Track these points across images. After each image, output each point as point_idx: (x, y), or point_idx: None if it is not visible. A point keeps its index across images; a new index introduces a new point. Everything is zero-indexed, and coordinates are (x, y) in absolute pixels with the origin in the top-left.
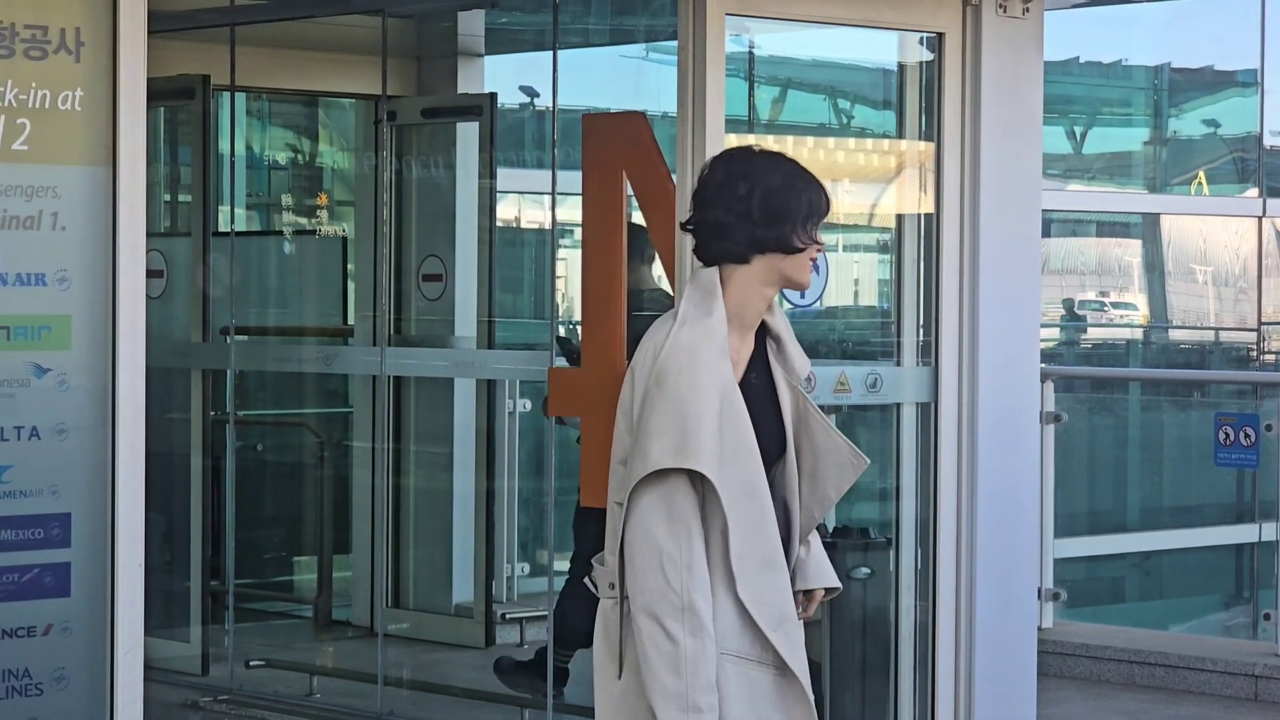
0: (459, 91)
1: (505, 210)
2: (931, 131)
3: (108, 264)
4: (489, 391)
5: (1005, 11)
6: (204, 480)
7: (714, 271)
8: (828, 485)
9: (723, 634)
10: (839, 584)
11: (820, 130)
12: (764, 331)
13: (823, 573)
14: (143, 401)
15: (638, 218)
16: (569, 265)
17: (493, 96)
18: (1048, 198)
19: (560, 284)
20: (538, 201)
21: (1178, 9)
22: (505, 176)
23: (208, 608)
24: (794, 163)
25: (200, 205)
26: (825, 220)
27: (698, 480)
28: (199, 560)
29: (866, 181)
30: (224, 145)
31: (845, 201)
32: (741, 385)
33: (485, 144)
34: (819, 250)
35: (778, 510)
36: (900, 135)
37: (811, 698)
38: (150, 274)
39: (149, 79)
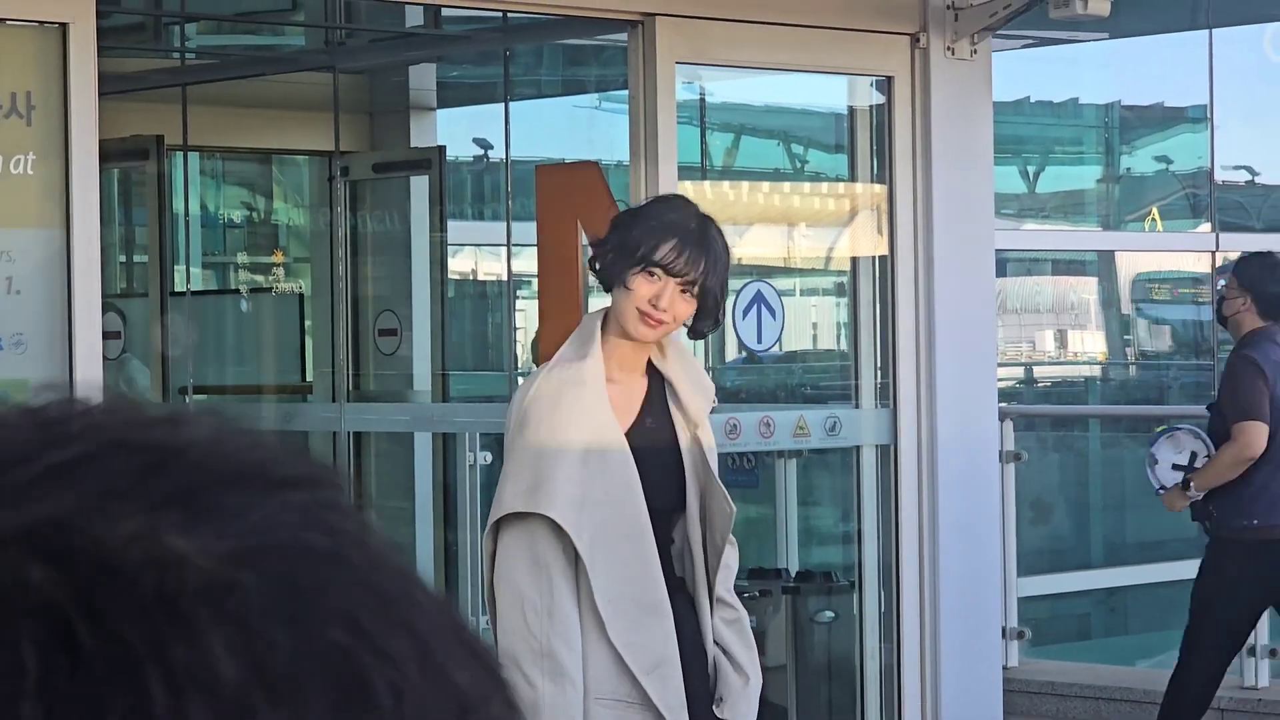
0: (411, 146)
1: (462, 263)
2: (883, 174)
3: (64, 326)
4: (449, 445)
5: (953, 54)
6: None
7: (597, 315)
8: (715, 532)
9: (598, 678)
10: None
11: (775, 175)
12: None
13: (743, 713)
14: None
15: None
16: (528, 317)
17: (441, 149)
18: (1003, 237)
19: (520, 335)
20: (494, 254)
21: (1126, 47)
22: (461, 229)
23: None
24: (667, 205)
25: (157, 266)
26: (784, 264)
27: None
28: None
29: (822, 225)
30: (178, 205)
31: (802, 246)
32: (635, 429)
33: (435, 197)
34: (652, 305)
35: (685, 556)
36: (853, 178)
37: None
38: (107, 335)
39: (101, 140)
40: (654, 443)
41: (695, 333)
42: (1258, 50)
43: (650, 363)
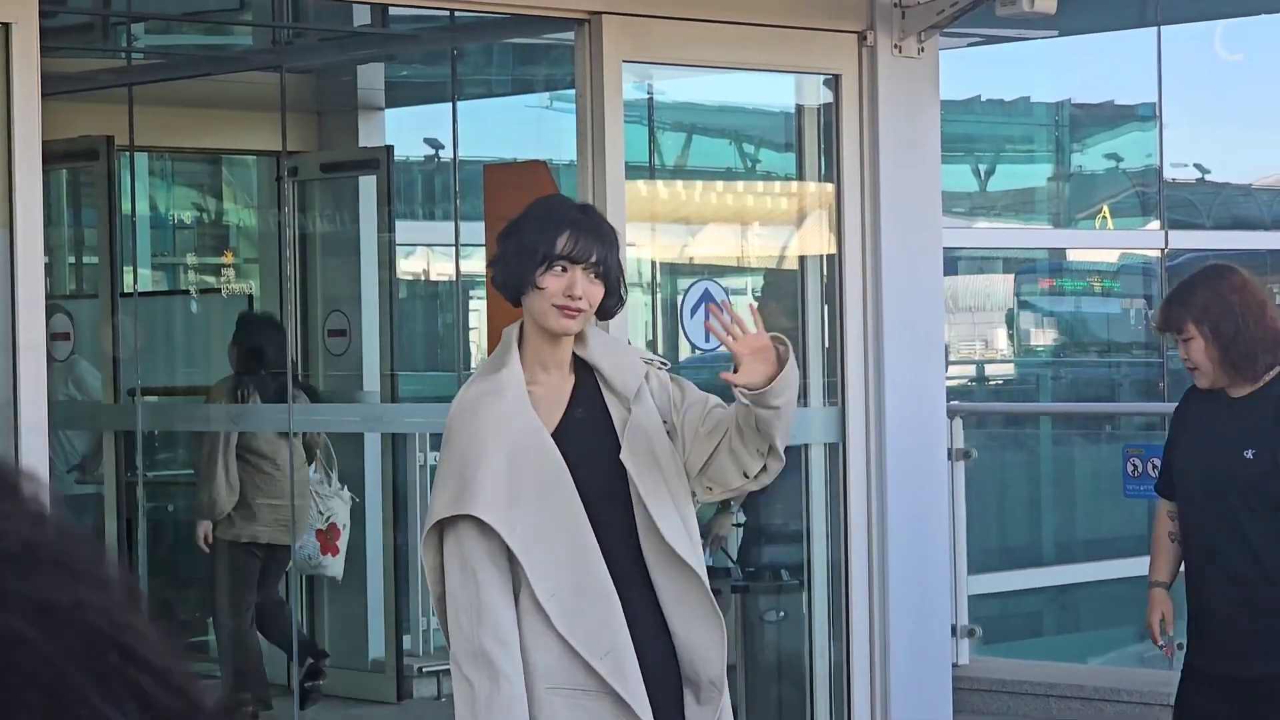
0: (360, 145)
1: (414, 263)
2: (831, 172)
3: (7, 328)
4: (399, 445)
5: (900, 52)
6: (119, 543)
7: (514, 327)
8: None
9: (550, 668)
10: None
11: (727, 175)
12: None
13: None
14: (46, 465)
15: None
16: (482, 317)
17: (389, 149)
18: (955, 235)
19: (475, 335)
20: (446, 254)
21: (1076, 45)
22: (411, 229)
23: None
24: (545, 204)
25: (107, 267)
26: (736, 263)
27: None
28: None
29: (773, 224)
30: (126, 205)
31: (755, 245)
32: (565, 423)
33: (383, 197)
34: (568, 297)
35: (647, 533)
36: (800, 177)
37: None
38: (56, 336)
39: (51, 141)
40: (587, 433)
41: (604, 312)
42: (1208, 48)
43: (578, 358)
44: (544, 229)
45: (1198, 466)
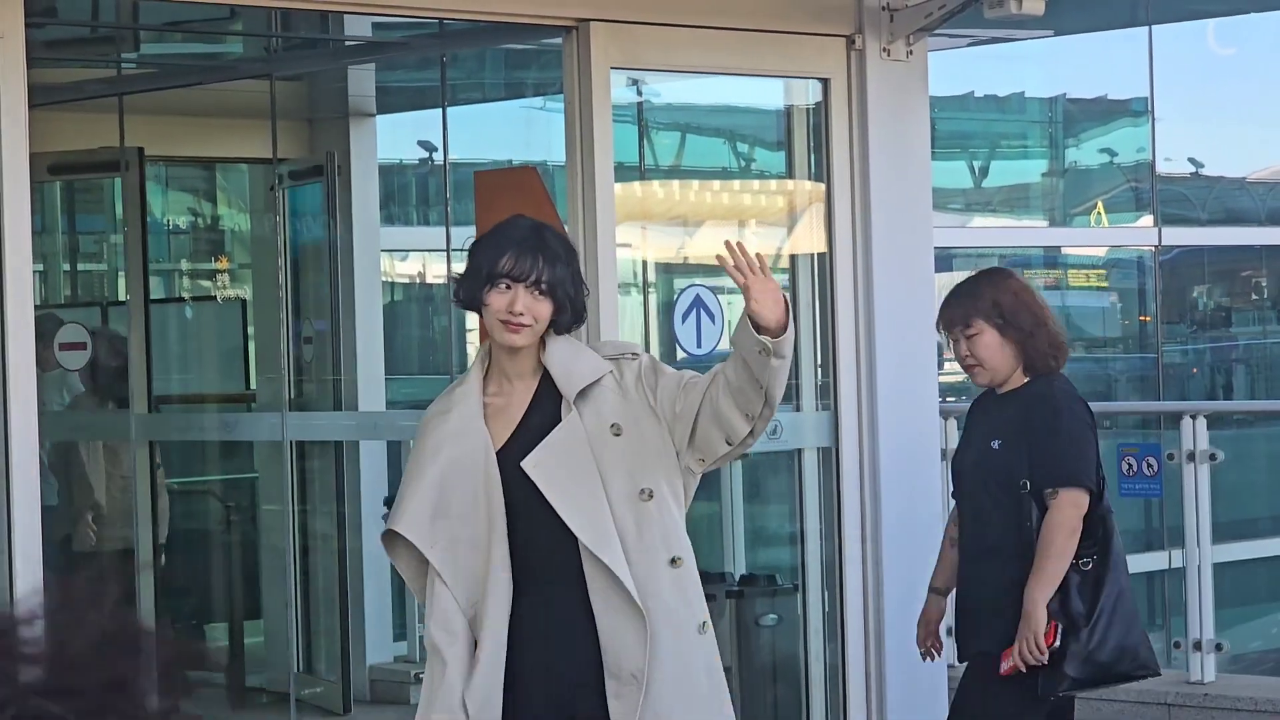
0: (350, 150)
1: (409, 267)
2: (821, 173)
3: None
4: (395, 452)
5: (889, 55)
6: (154, 552)
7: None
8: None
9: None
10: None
11: (722, 174)
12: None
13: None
14: (37, 478)
15: None
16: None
17: (330, 155)
18: (952, 232)
19: (473, 337)
20: (441, 258)
21: (1070, 42)
22: (405, 233)
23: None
24: (500, 225)
25: (139, 275)
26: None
27: None
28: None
29: (769, 224)
30: (120, 212)
31: (750, 244)
32: (520, 431)
33: (329, 203)
34: (510, 313)
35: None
36: (790, 175)
37: None
38: (70, 347)
39: (71, 151)
40: (537, 440)
41: (559, 327)
42: (1200, 44)
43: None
44: (492, 249)
45: (962, 462)
